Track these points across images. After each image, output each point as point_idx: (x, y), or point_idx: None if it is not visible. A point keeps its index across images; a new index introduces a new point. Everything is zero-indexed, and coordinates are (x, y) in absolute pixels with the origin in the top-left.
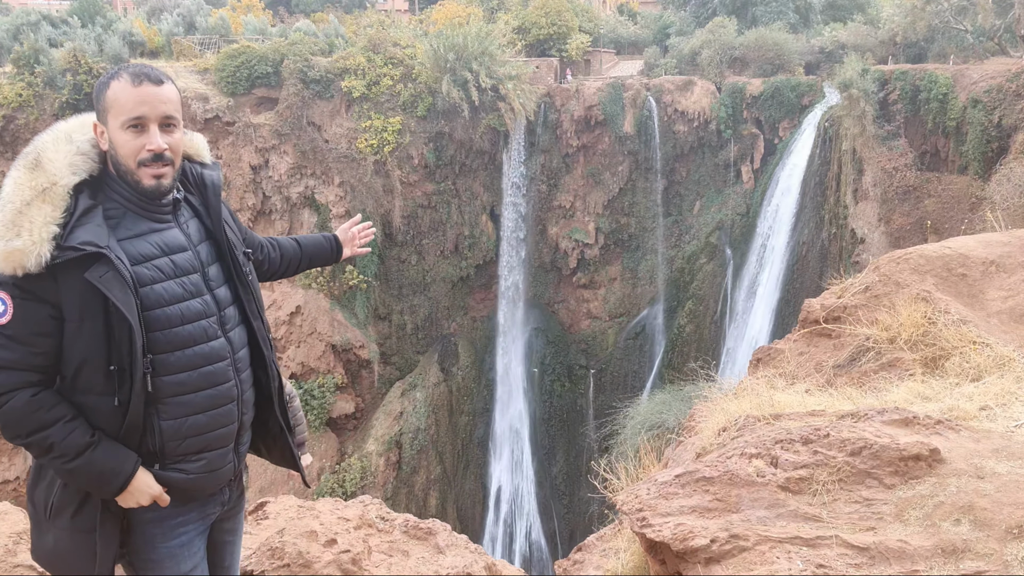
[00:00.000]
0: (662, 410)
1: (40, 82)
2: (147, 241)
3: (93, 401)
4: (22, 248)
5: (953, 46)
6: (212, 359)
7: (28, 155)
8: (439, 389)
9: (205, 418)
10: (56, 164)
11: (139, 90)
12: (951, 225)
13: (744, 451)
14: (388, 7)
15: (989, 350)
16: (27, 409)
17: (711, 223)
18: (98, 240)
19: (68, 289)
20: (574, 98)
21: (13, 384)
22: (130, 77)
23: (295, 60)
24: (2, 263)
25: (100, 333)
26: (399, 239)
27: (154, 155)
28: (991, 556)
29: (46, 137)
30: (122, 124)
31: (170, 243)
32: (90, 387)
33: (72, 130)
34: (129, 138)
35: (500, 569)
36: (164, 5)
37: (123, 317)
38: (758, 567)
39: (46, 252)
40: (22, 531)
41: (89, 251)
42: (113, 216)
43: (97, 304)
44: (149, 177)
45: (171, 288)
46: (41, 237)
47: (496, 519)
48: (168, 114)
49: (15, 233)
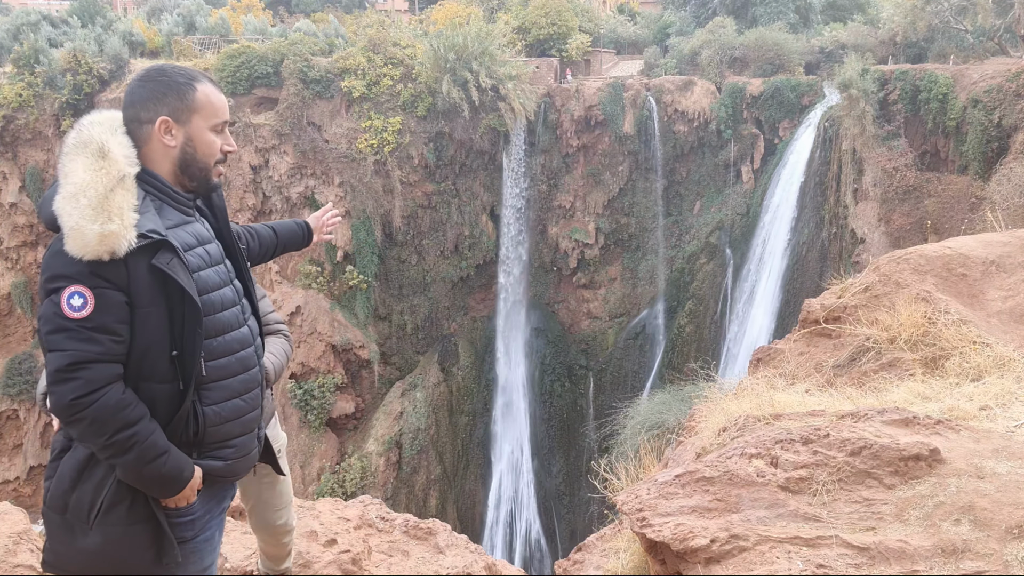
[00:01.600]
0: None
1: (40, 82)
2: (187, 231)
3: (154, 389)
4: (117, 232)
5: (953, 46)
6: (245, 344)
7: (90, 144)
8: (439, 389)
9: (241, 402)
10: (120, 153)
11: (221, 97)
12: (951, 225)
13: (744, 451)
14: (388, 7)
15: (989, 350)
16: (119, 406)
17: (711, 223)
18: (159, 228)
19: (137, 276)
20: (574, 98)
21: (104, 379)
22: (212, 84)
23: (295, 60)
24: (96, 245)
25: (164, 318)
26: (399, 239)
27: (226, 154)
28: (991, 556)
29: (98, 128)
30: (212, 126)
31: (202, 234)
32: (152, 374)
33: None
34: (213, 139)
35: (500, 569)
36: (164, 5)
37: (190, 301)
38: (758, 567)
39: (132, 238)
40: (22, 531)
41: (157, 238)
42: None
43: (159, 290)
44: (216, 174)
45: (211, 275)
46: (128, 223)
47: (496, 519)
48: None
49: (107, 217)
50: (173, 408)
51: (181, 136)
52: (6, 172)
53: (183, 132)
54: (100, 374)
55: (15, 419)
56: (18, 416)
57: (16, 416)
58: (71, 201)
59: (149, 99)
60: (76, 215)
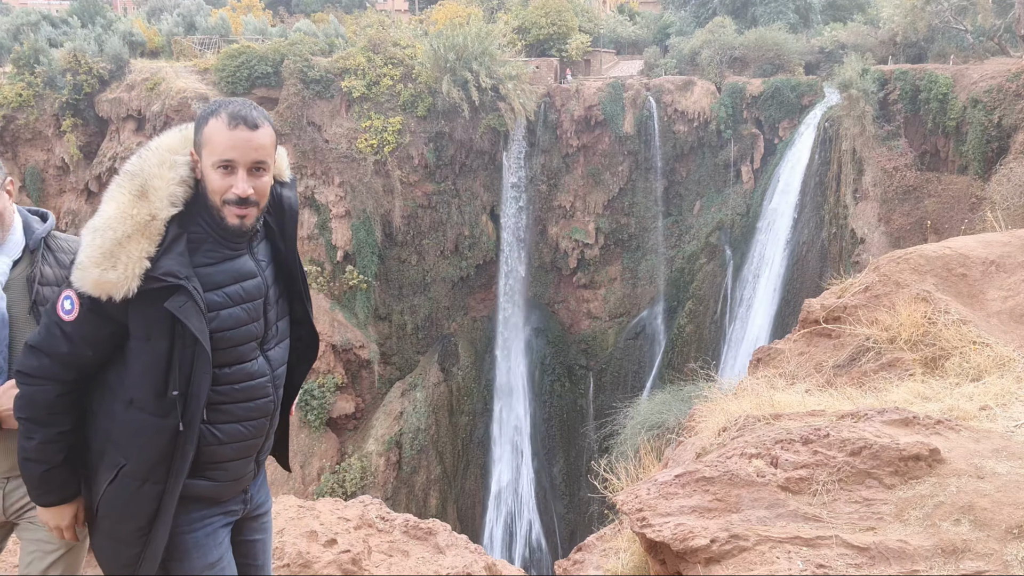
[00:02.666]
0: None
1: (40, 82)
2: (221, 269)
3: (144, 420)
4: (115, 281)
5: (953, 46)
6: (255, 375)
7: (135, 179)
8: (439, 389)
9: (242, 428)
10: (159, 195)
11: (233, 134)
12: (951, 225)
13: (744, 451)
14: (388, 7)
15: (989, 350)
16: (44, 403)
17: (711, 223)
18: (179, 271)
19: (141, 312)
20: (574, 98)
21: (50, 374)
22: (227, 118)
23: (295, 60)
24: (92, 288)
25: (163, 353)
26: (399, 239)
27: (238, 198)
28: (991, 556)
29: (152, 159)
30: (213, 164)
31: (242, 271)
32: (144, 405)
33: (176, 149)
34: (218, 177)
35: (500, 569)
36: (164, 5)
37: (196, 343)
38: (758, 567)
39: (134, 287)
40: None
41: (170, 283)
42: (195, 240)
43: (165, 327)
44: (233, 216)
45: (236, 313)
46: (134, 272)
47: (496, 519)
48: (258, 159)
49: (111, 264)
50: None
51: (200, 168)
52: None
53: (200, 165)
54: (48, 368)
55: None
56: None
57: None
58: (90, 235)
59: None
60: (86, 253)
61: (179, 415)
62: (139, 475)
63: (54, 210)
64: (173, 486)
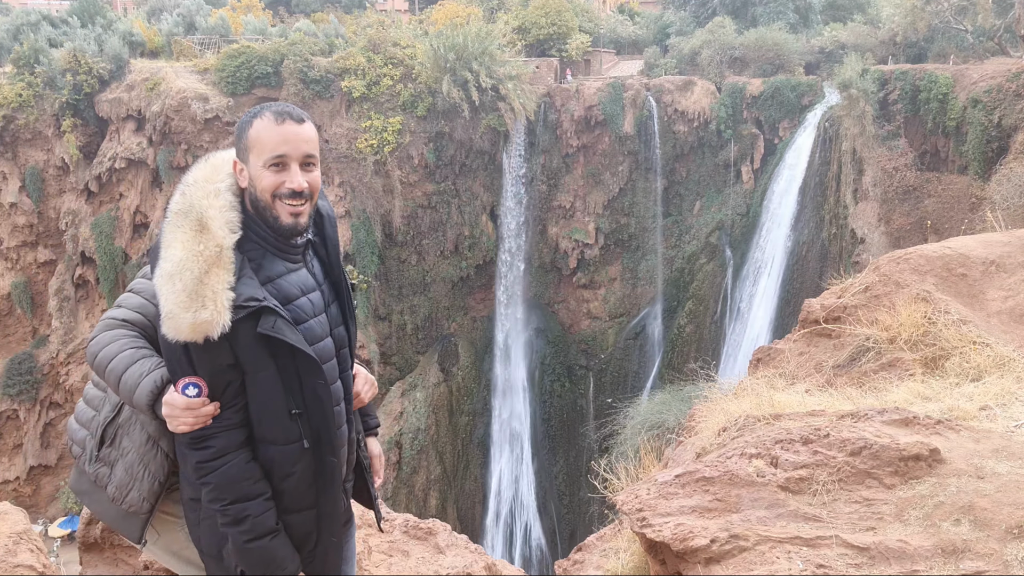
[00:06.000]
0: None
1: (40, 82)
2: (287, 282)
3: (272, 451)
4: (210, 320)
5: (953, 46)
6: (337, 399)
7: (188, 215)
8: (439, 389)
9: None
10: (218, 223)
11: (282, 128)
12: (951, 225)
13: (744, 451)
14: (388, 7)
15: (989, 350)
16: (241, 475)
17: (711, 223)
18: (257, 294)
19: (241, 344)
20: (574, 98)
21: (228, 446)
22: (273, 116)
23: (295, 60)
24: (189, 333)
25: (275, 380)
26: (399, 239)
27: (292, 192)
28: (991, 556)
29: (196, 192)
30: (265, 162)
31: (305, 283)
32: (272, 436)
33: (211, 179)
34: (270, 175)
35: (500, 569)
36: (164, 5)
37: (303, 356)
38: (758, 567)
39: (228, 320)
40: (22, 531)
41: (254, 307)
42: (254, 258)
43: (265, 353)
44: (287, 215)
45: (314, 327)
46: (224, 306)
47: (496, 519)
48: (309, 152)
49: (200, 304)
50: (299, 469)
51: (247, 176)
52: (6, 172)
53: (247, 172)
54: (225, 442)
55: (15, 419)
56: (18, 416)
57: (16, 416)
58: (168, 283)
59: (234, 140)
60: (172, 300)
61: (300, 434)
62: (292, 508)
63: (54, 210)
64: (326, 505)
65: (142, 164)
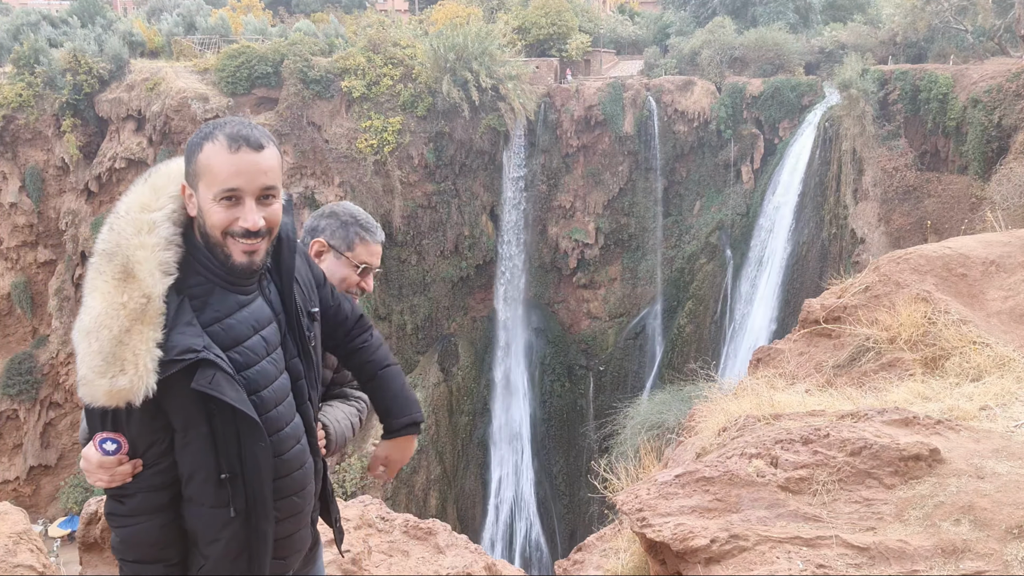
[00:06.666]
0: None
1: (40, 82)
2: (238, 320)
3: (204, 513)
4: (128, 387)
5: (953, 46)
6: (297, 438)
7: (113, 259)
8: (439, 389)
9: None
10: (147, 269)
11: (236, 157)
12: (951, 225)
13: (744, 451)
14: (388, 7)
15: (989, 350)
16: (149, 539)
17: (711, 223)
18: (195, 343)
19: (172, 402)
20: (574, 98)
21: (145, 509)
22: (226, 140)
23: (295, 60)
24: (104, 399)
25: (207, 440)
26: (399, 239)
27: (246, 231)
28: (991, 556)
29: (126, 228)
30: (215, 195)
31: (259, 318)
32: (201, 498)
33: (148, 205)
34: (220, 211)
35: (500, 569)
36: (164, 5)
37: (243, 417)
38: (758, 567)
39: (152, 384)
40: (22, 531)
41: (190, 360)
42: (199, 295)
43: (199, 411)
44: (240, 253)
45: (266, 367)
46: (148, 368)
47: (496, 519)
48: (267, 185)
49: (119, 369)
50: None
51: (195, 205)
52: (6, 172)
53: (196, 201)
54: (141, 504)
55: (15, 419)
56: (18, 416)
57: (16, 416)
58: (84, 340)
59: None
60: (86, 364)
61: (229, 499)
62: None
63: (54, 210)
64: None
65: (142, 164)
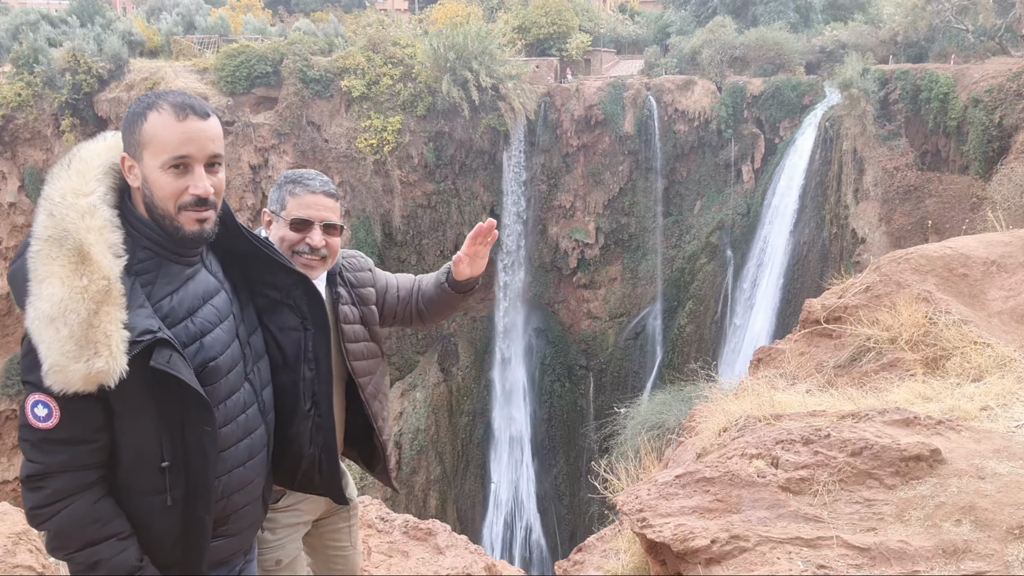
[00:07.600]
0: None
1: (39, 82)
2: (187, 292)
3: (149, 501)
4: (105, 368)
5: (954, 45)
6: (247, 405)
7: (63, 243)
8: (439, 389)
9: (245, 470)
10: (101, 251)
11: (184, 125)
12: (952, 225)
13: (745, 451)
14: (388, 6)
15: (990, 350)
16: (86, 518)
17: (711, 223)
18: (151, 324)
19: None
20: (574, 98)
21: (70, 489)
22: (173, 109)
23: (295, 60)
24: (81, 384)
25: (153, 422)
26: (399, 239)
27: (198, 199)
28: (992, 557)
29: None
30: (163, 163)
31: (208, 286)
32: (145, 486)
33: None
34: (170, 179)
35: (500, 569)
36: (163, 4)
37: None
38: (759, 568)
39: (124, 364)
40: (22, 531)
41: (148, 341)
42: (149, 269)
43: (147, 391)
44: (192, 222)
45: (219, 336)
46: (120, 350)
47: (496, 519)
48: (215, 152)
49: (93, 352)
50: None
51: (140, 176)
52: (5, 172)
53: (140, 171)
54: (66, 484)
55: (15, 419)
56: (18, 416)
57: (16, 416)
58: (49, 327)
59: (122, 132)
60: (56, 350)
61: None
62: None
63: None
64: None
65: None
